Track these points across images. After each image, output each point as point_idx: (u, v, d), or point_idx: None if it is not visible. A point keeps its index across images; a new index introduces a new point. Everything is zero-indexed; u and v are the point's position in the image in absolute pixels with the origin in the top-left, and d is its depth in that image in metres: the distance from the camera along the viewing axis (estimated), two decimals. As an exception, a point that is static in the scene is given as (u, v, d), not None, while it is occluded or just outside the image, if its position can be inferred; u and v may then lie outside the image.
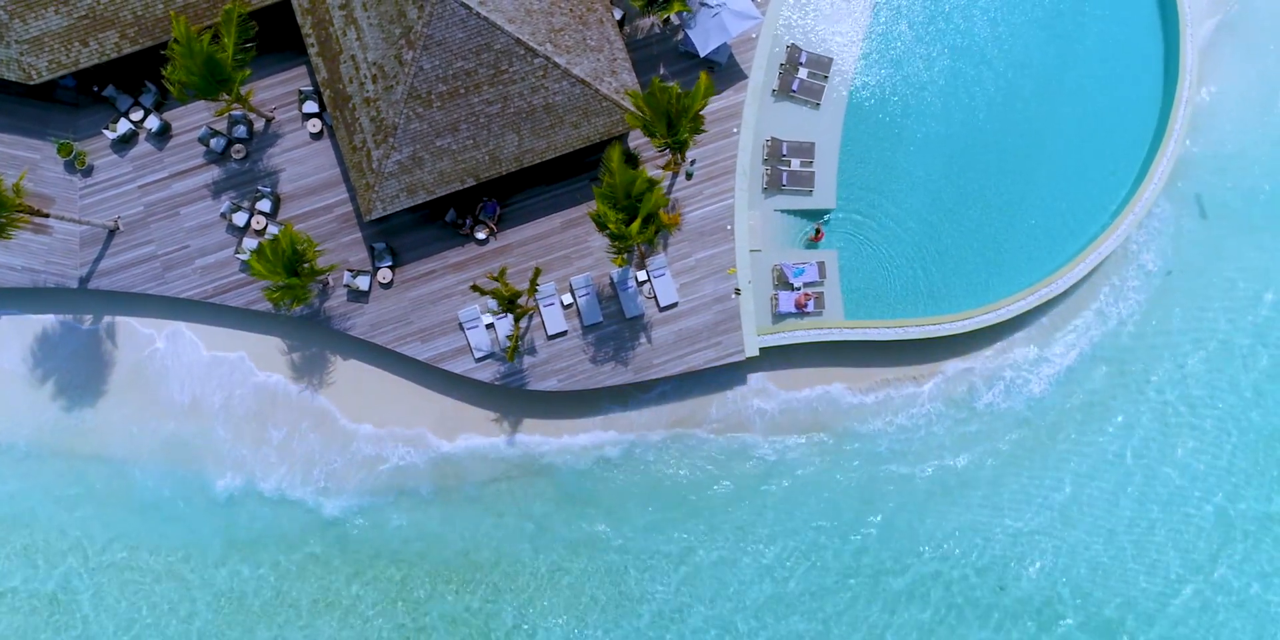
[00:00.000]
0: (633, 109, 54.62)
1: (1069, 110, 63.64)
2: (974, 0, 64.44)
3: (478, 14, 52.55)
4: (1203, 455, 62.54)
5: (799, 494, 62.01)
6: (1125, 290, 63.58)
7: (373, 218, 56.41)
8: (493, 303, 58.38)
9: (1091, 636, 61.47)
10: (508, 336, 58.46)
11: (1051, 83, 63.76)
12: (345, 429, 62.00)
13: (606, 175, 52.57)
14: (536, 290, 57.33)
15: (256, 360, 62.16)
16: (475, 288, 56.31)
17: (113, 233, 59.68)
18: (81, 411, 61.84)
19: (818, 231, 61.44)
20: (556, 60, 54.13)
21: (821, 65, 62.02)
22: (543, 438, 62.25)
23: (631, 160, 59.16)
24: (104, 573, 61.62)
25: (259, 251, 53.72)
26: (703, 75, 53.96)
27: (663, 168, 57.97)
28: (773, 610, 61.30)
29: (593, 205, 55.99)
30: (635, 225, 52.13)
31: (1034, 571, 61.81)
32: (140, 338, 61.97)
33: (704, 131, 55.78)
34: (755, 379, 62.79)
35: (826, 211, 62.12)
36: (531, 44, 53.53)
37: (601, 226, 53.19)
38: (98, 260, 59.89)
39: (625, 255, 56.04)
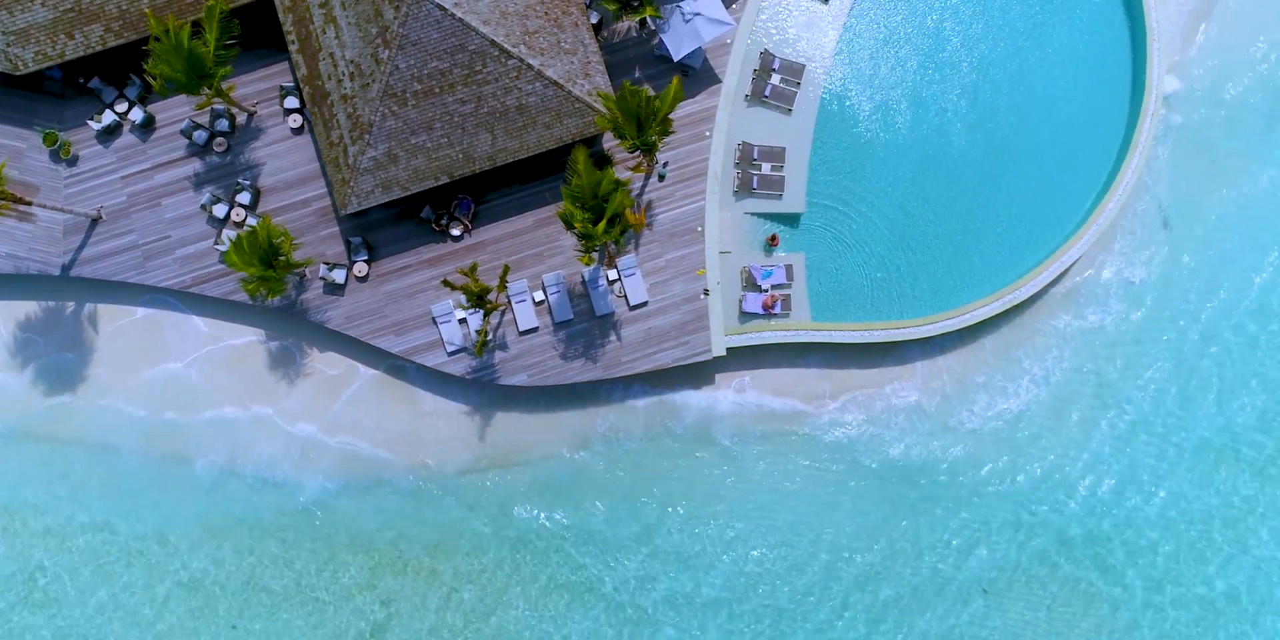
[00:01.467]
0: (604, 111, 55.64)
1: (1038, 119, 64.85)
2: (946, 9, 65.65)
3: (453, 15, 53.75)
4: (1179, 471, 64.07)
5: (763, 491, 63.26)
6: (1091, 297, 64.64)
7: (348, 212, 57.62)
8: (464, 298, 59.41)
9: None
10: (477, 331, 59.49)
11: (1021, 92, 65.01)
12: (324, 418, 62.99)
13: (573, 176, 53.69)
14: (506, 287, 58.43)
15: (235, 350, 63.14)
16: (446, 283, 57.36)
17: (95, 222, 60.83)
18: (62, 396, 62.84)
19: (773, 238, 62.45)
20: (530, 62, 55.31)
21: (794, 72, 63.13)
22: (515, 432, 63.21)
23: (604, 161, 60.29)
24: (80, 555, 62.55)
25: (236, 243, 54.83)
26: (675, 80, 55.16)
27: (632, 169, 59.01)
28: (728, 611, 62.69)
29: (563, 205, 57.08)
30: (601, 225, 53.30)
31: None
32: (121, 325, 62.99)
33: (673, 133, 57.02)
34: (723, 379, 63.73)
35: (796, 215, 63.13)
36: (506, 45, 54.72)
37: (569, 226, 54.34)
38: (80, 248, 61.00)
39: (593, 254, 57.03)
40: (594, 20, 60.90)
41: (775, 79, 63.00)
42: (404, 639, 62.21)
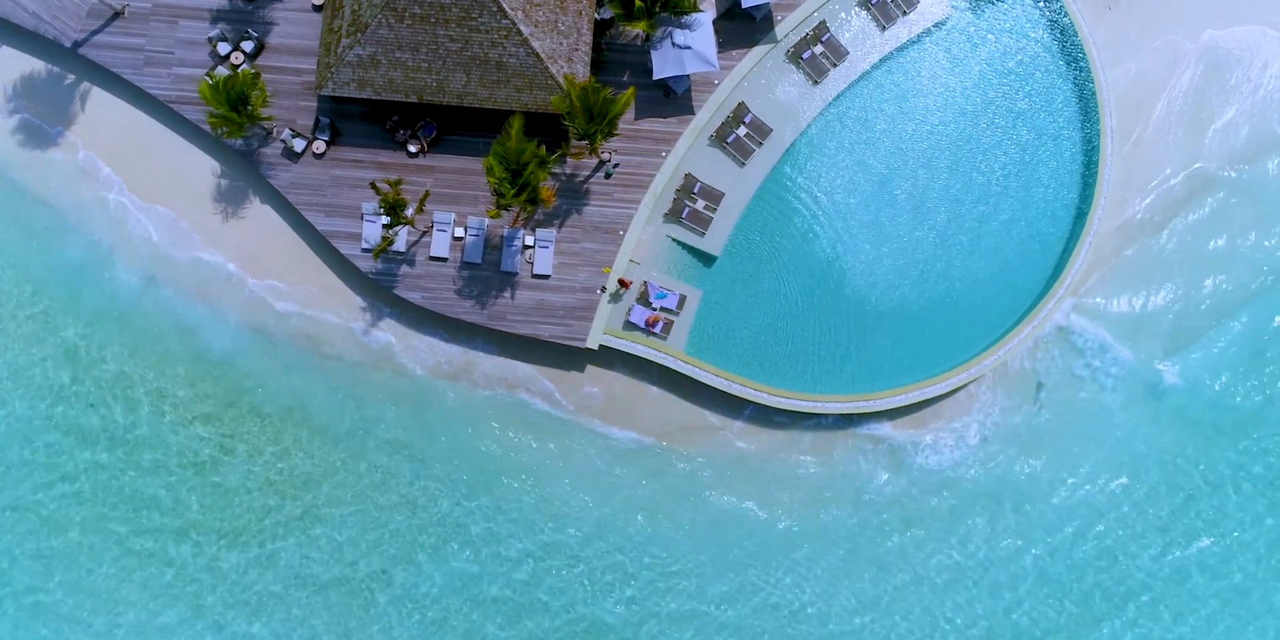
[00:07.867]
0: (564, 93, 59.61)
1: (963, 267, 68.33)
2: (924, 133, 68.90)
3: (465, -39, 58.19)
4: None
5: (571, 474, 67.63)
6: (933, 437, 67.78)
7: (321, 94, 62.37)
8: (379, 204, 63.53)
9: None
10: (383, 237, 63.76)
11: (958, 232, 68.46)
12: (243, 262, 67.85)
13: (505, 138, 57.90)
14: (424, 210, 62.65)
15: (191, 173, 67.88)
16: (373, 185, 61.83)
17: (117, 15, 65.86)
18: (33, 152, 67.86)
19: (622, 280, 65.98)
20: (521, 28, 59.44)
21: (761, 131, 66.60)
22: (402, 341, 67.54)
23: (561, 138, 64.14)
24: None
25: (216, 82, 59.79)
26: (630, 90, 59.77)
27: (571, 155, 63.07)
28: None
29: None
30: (513, 189, 57.62)
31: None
32: (104, 114, 67.93)
33: (617, 136, 61.58)
34: (592, 371, 67.76)
35: (710, 256, 66.60)
36: (505, 6, 58.88)
37: (488, 176, 58.65)
38: (95, 32, 65.97)
39: (502, 213, 61.12)
40: (606, 16, 64.73)
41: (741, 131, 66.43)
42: (228, 479, 66.89)
